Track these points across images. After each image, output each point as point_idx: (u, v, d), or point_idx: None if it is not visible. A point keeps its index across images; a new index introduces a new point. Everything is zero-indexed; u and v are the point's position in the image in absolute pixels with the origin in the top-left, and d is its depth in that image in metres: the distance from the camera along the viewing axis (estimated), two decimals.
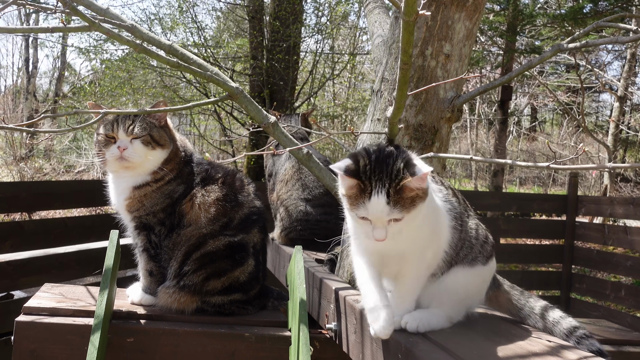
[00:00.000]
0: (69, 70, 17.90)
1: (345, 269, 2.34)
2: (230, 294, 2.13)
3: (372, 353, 1.69)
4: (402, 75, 1.27)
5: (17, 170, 10.21)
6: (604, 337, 2.44)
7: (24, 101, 15.44)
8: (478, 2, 2.20)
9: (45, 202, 4.37)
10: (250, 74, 9.79)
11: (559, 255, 5.76)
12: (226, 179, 2.19)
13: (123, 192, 2.12)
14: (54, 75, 17.90)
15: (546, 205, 6.70)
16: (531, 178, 19.31)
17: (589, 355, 1.49)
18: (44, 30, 1.58)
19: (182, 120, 14.57)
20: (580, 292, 5.78)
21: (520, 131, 20.40)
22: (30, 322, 1.93)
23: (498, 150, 11.86)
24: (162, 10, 10.91)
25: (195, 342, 2.01)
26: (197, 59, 2.09)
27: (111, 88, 10.12)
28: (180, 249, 2.10)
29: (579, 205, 5.76)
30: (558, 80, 18.28)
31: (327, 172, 2.16)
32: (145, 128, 2.07)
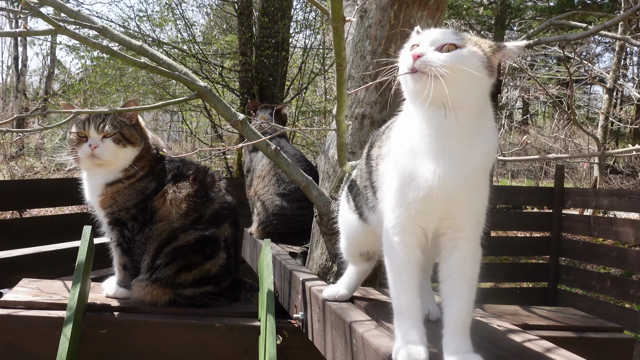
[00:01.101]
0: (59, 67, 17.92)
1: (315, 261, 2.41)
2: (202, 286, 2.20)
3: (332, 340, 1.77)
4: (339, 76, 1.35)
5: (8, 169, 10.26)
6: (566, 324, 2.52)
7: (13, 99, 15.48)
8: (440, 1, 2.27)
9: (34, 200, 4.41)
10: (239, 70, 9.84)
11: (546, 247, 5.83)
12: (197, 176, 2.26)
13: (96, 189, 2.19)
14: (44, 73, 17.95)
15: (533, 198, 6.75)
16: (523, 171, 19.44)
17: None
18: (10, 34, 1.64)
19: (173, 118, 14.62)
20: (567, 283, 5.84)
21: (511, 124, 20.49)
22: (7, 315, 2.00)
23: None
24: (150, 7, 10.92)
25: (167, 332, 2.09)
26: (167, 59, 2.15)
27: (100, 86, 10.14)
28: (153, 244, 2.17)
29: (565, 197, 5.82)
30: (548, 73, 18.36)
31: (295, 167, 2.23)
32: (115, 126, 2.14)
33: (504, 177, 19.45)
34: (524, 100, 20.77)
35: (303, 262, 2.61)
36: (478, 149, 1.24)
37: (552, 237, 5.78)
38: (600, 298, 5.64)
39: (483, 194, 1.29)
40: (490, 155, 1.26)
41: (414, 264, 1.35)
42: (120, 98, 10.97)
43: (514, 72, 16.86)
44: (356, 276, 1.87)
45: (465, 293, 1.29)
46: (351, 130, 2.32)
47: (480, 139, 1.24)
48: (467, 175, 1.23)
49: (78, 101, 11.22)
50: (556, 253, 5.79)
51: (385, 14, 2.27)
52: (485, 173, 1.27)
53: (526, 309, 2.74)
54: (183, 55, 9.78)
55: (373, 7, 2.30)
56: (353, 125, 2.32)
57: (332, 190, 2.35)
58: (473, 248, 1.31)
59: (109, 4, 20.54)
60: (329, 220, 2.27)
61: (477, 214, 1.29)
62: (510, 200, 6.84)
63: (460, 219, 1.28)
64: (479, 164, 1.24)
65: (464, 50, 1.22)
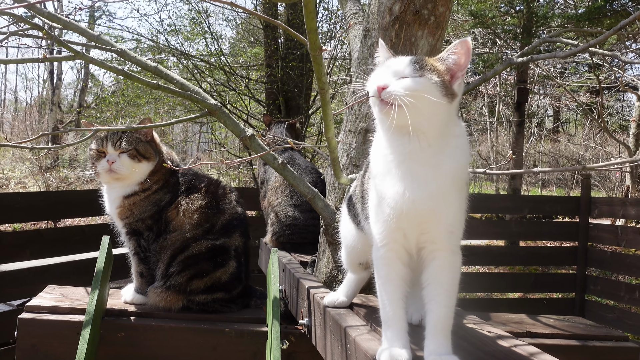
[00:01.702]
0: (92, 81, 18.45)
1: (322, 270, 2.51)
2: (213, 292, 2.33)
3: (331, 344, 1.87)
4: (322, 97, 1.46)
5: (43, 180, 10.63)
6: (570, 332, 2.57)
7: (49, 112, 16.02)
8: (440, 19, 2.36)
9: (65, 210, 4.60)
10: (265, 82, 10.02)
11: (573, 258, 5.75)
12: (209, 188, 2.40)
13: (114, 201, 2.34)
14: (78, 86, 18.51)
15: (559, 208, 6.63)
16: (554, 180, 19.18)
17: None
18: (33, 60, 1.79)
19: (202, 129, 14.92)
20: (595, 294, 5.74)
21: (541, 133, 20.27)
22: (31, 319, 2.16)
23: (515, 152, 11.84)
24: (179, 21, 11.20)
25: (180, 337, 2.22)
26: (180, 79, 2.29)
27: (132, 98, 10.45)
28: (167, 252, 2.31)
29: (592, 206, 5.73)
30: (579, 81, 18.13)
31: (301, 179, 2.34)
32: (131, 143, 2.29)
33: (534, 187, 19.25)
34: (555, 108, 20.55)
35: (313, 270, 2.72)
36: (443, 168, 1.32)
37: (579, 247, 5.70)
38: (631, 309, 5.55)
39: (455, 207, 1.37)
40: (457, 172, 1.34)
41: (397, 277, 1.45)
42: (151, 110, 11.26)
43: (544, 79, 16.73)
44: (354, 284, 1.97)
45: (444, 299, 1.38)
46: (355, 144, 2.42)
47: (445, 158, 1.33)
48: (435, 193, 1.32)
49: (110, 113, 11.56)
50: (583, 263, 5.69)
51: (386, 33, 2.37)
52: (455, 188, 1.35)
53: (532, 317, 2.79)
54: (211, 68, 10.01)
55: (375, 27, 2.41)
56: (357, 139, 2.42)
57: (338, 201, 2.46)
58: (450, 257, 1.39)
59: (139, 19, 21.00)
60: (334, 231, 2.37)
61: (451, 227, 1.37)
62: (536, 210, 6.77)
63: (435, 232, 1.37)
64: (446, 182, 1.33)
65: (425, 79, 1.30)
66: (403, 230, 1.39)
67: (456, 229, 1.38)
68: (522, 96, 11.62)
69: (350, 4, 3.33)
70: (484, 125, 18.71)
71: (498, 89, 15.81)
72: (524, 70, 11.66)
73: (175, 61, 10.89)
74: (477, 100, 18.37)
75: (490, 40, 14.86)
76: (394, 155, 1.36)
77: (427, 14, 2.34)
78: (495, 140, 17.20)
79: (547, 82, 17.39)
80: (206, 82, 10.11)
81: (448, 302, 1.39)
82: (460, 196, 1.38)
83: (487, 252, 6.04)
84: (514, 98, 12.30)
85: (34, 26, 1.71)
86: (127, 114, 11.08)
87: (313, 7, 1.11)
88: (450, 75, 1.34)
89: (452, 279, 1.40)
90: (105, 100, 12.82)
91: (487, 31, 12.64)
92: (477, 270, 7.29)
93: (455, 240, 1.39)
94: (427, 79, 1.30)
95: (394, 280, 1.45)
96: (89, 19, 13.29)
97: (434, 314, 1.38)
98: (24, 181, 12.22)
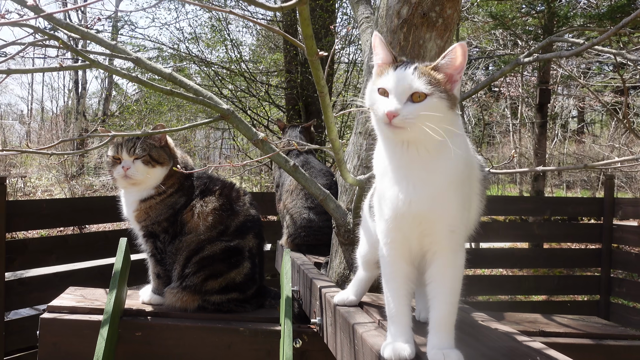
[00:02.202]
0: (116, 89, 18.78)
1: (334, 270, 2.55)
2: (228, 293, 2.38)
3: (341, 342, 1.90)
4: (322, 100, 1.50)
5: (69, 188, 10.86)
6: (585, 331, 2.56)
7: (74, 121, 16.36)
8: (448, 22, 2.39)
9: (89, 217, 4.72)
10: (285, 87, 10.11)
11: (597, 259, 5.69)
12: (223, 191, 2.46)
13: (131, 205, 2.41)
14: (102, 95, 18.86)
15: (582, 209, 6.54)
16: (579, 182, 18.90)
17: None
18: (51, 69, 1.87)
19: (223, 135, 15.07)
20: (620, 296, 5.65)
21: (565, 134, 20.03)
22: (53, 318, 2.24)
23: (538, 154, 11.72)
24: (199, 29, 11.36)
25: (196, 336, 2.27)
26: (194, 85, 2.35)
27: (154, 106, 10.62)
28: (182, 254, 2.37)
29: (615, 207, 5.66)
30: (603, 81, 17.88)
31: (312, 182, 2.38)
32: (145, 149, 2.36)
33: (558, 189, 19.01)
34: (579, 109, 20.28)
35: (327, 271, 2.75)
36: (439, 171, 1.36)
37: (604, 249, 5.63)
38: None
39: (454, 207, 1.40)
40: (453, 172, 1.37)
41: (400, 275, 1.50)
42: (173, 117, 11.42)
43: (567, 80, 16.54)
44: (364, 283, 2.01)
45: (446, 296, 1.42)
46: (365, 146, 2.46)
47: (441, 163, 1.36)
48: (431, 195, 1.36)
49: (133, 121, 11.76)
50: (608, 265, 5.62)
51: (395, 36, 2.41)
52: (453, 188, 1.38)
53: (546, 316, 2.79)
54: (231, 75, 10.14)
55: (384, 30, 2.45)
56: (367, 141, 2.46)
57: (349, 202, 2.50)
58: (451, 256, 1.42)
59: (160, 28, 21.29)
60: (346, 232, 2.41)
61: (451, 226, 1.40)
62: (559, 211, 6.67)
63: (436, 233, 1.41)
64: (442, 184, 1.36)
65: (434, 99, 1.32)
66: (402, 231, 1.43)
67: (457, 228, 1.41)
68: (544, 97, 11.50)
69: (362, 8, 3.38)
70: (506, 127, 18.56)
71: (520, 90, 15.68)
72: (545, 71, 11.55)
73: (196, 69, 11.06)
74: (500, 102, 18.24)
75: (511, 42, 14.77)
76: (391, 160, 1.41)
77: (435, 17, 2.37)
78: (518, 142, 17.03)
79: (570, 82, 17.19)
80: (227, 88, 10.23)
81: (450, 299, 1.42)
82: (460, 195, 1.41)
83: (510, 255, 6.00)
84: (536, 99, 12.19)
85: (51, 36, 1.78)
86: (149, 121, 11.26)
87: (307, 15, 1.15)
88: (448, 79, 1.36)
89: (454, 277, 1.43)
90: (128, 108, 13.05)
91: (507, 32, 12.56)
92: (500, 273, 7.24)
93: (457, 239, 1.42)
94: (435, 97, 1.32)
95: (397, 278, 1.50)
96: (112, 29, 13.55)
97: (437, 311, 1.42)
98: (51, 189, 12.50)
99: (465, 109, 16.19)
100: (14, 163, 12.83)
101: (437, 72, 1.37)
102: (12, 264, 3.81)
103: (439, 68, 1.37)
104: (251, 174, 13.77)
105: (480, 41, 15.17)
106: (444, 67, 1.37)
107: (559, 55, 1.96)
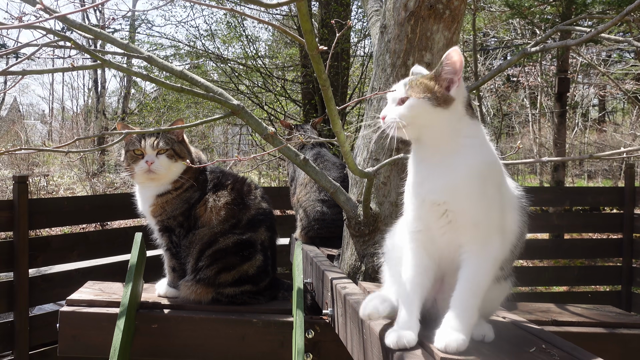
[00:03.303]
0: (135, 87, 19.00)
1: (346, 262, 2.58)
2: (241, 285, 2.43)
3: (350, 331, 1.94)
4: (324, 94, 1.52)
5: (90, 186, 11.04)
6: (598, 320, 2.56)
7: (94, 120, 16.61)
8: (455, 13, 2.40)
9: (108, 213, 4.81)
10: (301, 82, 10.15)
11: (618, 249, 5.60)
12: (235, 185, 2.50)
13: (148, 200, 2.47)
14: (121, 93, 19.09)
15: (602, 199, 6.40)
16: (600, 171, 18.66)
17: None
18: (65, 69, 1.92)
19: (242, 130, 15.17)
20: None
21: (586, 123, 19.77)
22: (72, 311, 2.30)
23: (557, 144, 11.60)
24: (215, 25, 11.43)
25: (210, 327, 2.32)
26: (204, 82, 2.40)
27: (172, 103, 10.72)
28: (196, 247, 2.42)
29: (636, 197, 5.53)
30: (624, 69, 17.59)
31: (323, 175, 2.41)
32: (168, 143, 2.42)
33: (580, 178, 18.79)
34: (599, 97, 20.00)
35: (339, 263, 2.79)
36: (457, 167, 1.42)
37: (625, 239, 5.54)
38: None
39: (475, 202, 1.42)
40: (471, 170, 1.41)
41: (419, 265, 1.53)
42: (192, 114, 11.53)
43: (587, 68, 16.32)
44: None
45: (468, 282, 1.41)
46: (375, 139, 2.48)
47: (458, 157, 1.42)
48: (450, 187, 1.41)
49: (152, 118, 11.89)
50: (629, 255, 5.52)
51: (402, 28, 2.42)
52: (474, 185, 1.41)
53: (560, 306, 2.78)
54: (247, 71, 10.20)
55: (392, 23, 2.47)
56: (376, 134, 2.48)
57: (359, 194, 2.52)
58: (477, 247, 1.43)
59: (176, 26, 21.44)
60: (357, 224, 2.44)
61: (473, 219, 1.42)
62: (578, 201, 6.55)
63: (459, 225, 1.44)
64: (461, 179, 1.41)
65: (412, 100, 1.43)
66: (425, 221, 1.48)
67: (481, 223, 1.42)
68: (563, 86, 11.36)
69: (371, 1, 3.39)
70: (525, 118, 18.39)
71: (539, 79, 15.51)
72: (564, 60, 11.41)
73: (213, 65, 11.14)
74: (518, 92, 18.08)
75: (529, 31, 14.61)
76: (412, 158, 1.54)
77: (442, 8, 2.38)
78: (538, 132, 16.86)
79: (591, 70, 16.96)
80: (244, 84, 10.30)
81: (472, 287, 1.41)
82: (483, 193, 1.42)
83: (530, 246, 5.94)
84: (554, 88, 12.06)
85: (63, 37, 1.83)
86: (168, 118, 11.39)
87: (306, 10, 1.18)
88: (447, 82, 1.44)
89: (478, 267, 1.42)
90: (147, 106, 13.21)
91: (525, 21, 12.43)
92: (521, 264, 7.20)
93: (483, 233, 1.43)
94: (413, 98, 1.43)
95: (414, 267, 1.53)
96: (130, 27, 13.69)
97: (456, 297, 1.41)
98: (73, 187, 12.71)
99: (484, 100, 16.08)
100: (37, 162, 13.08)
101: (428, 79, 1.47)
102: (35, 260, 3.90)
103: (434, 74, 1.47)
104: (269, 168, 13.85)
105: (497, 31, 15.04)
106: (441, 73, 1.45)
107: (564, 45, 1.96)
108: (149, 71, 8.19)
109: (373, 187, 2.38)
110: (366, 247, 2.46)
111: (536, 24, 12.36)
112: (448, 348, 1.33)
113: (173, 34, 22.54)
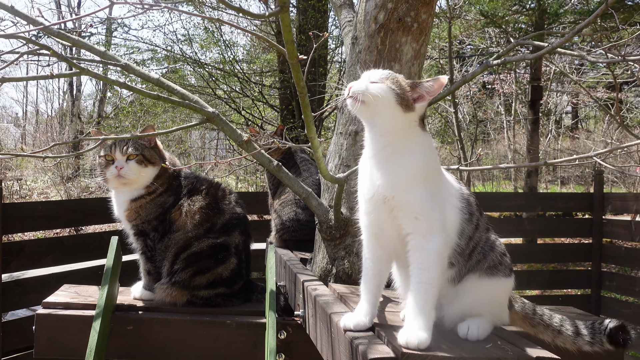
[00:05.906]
0: (111, 91, 18.89)
1: (318, 265, 2.66)
2: (215, 288, 2.49)
3: (320, 331, 2.01)
4: (302, 101, 1.62)
5: (65, 190, 10.95)
6: None
7: (69, 123, 16.46)
8: (423, 26, 2.50)
9: (83, 218, 4.78)
10: (279, 88, 10.21)
11: (588, 254, 5.76)
12: (209, 190, 2.56)
13: (122, 205, 2.52)
14: (97, 97, 18.96)
15: (572, 204, 6.54)
16: (574, 177, 19.02)
17: None
18: (45, 77, 1.97)
19: (219, 135, 15.17)
20: (611, 290, 5.69)
21: (559, 130, 20.14)
22: (48, 314, 2.34)
23: (530, 150, 11.81)
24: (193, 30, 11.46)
25: (185, 329, 2.38)
26: (181, 90, 2.46)
27: (148, 107, 10.70)
28: (171, 251, 2.48)
29: (605, 202, 5.71)
30: (596, 77, 17.98)
31: (295, 180, 2.49)
32: (137, 149, 2.47)
33: (553, 184, 19.13)
34: (573, 105, 20.40)
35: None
36: (402, 165, 1.56)
37: (594, 243, 5.69)
38: None
39: (418, 197, 1.56)
40: (415, 168, 1.57)
41: (372, 257, 1.71)
42: (169, 118, 11.52)
43: (560, 76, 16.66)
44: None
45: (417, 277, 1.53)
46: (346, 146, 2.57)
47: (405, 158, 1.57)
48: (394, 183, 1.56)
49: (129, 122, 11.85)
50: (598, 259, 5.68)
51: (372, 40, 2.51)
52: (417, 181, 1.57)
53: None
54: (225, 76, 10.23)
55: (362, 35, 2.56)
56: (347, 141, 2.57)
57: (331, 200, 2.60)
58: (419, 241, 1.55)
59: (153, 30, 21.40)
60: (328, 228, 2.52)
61: (415, 213, 1.55)
62: (550, 207, 6.68)
63: (402, 218, 1.57)
64: (405, 175, 1.56)
65: (381, 84, 1.56)
66: (375, 214, 1.62)
67: (421, 216, 1.55)
68: (536, 94, 11.59)
69: (344, 12, 3.48)
70: (500, 124, 18.67)
71: (514, 87, 15.79)
72: (537, 68, 11.65)
73: (191, 70, 11.15)
74: (494, 99, 18.37)
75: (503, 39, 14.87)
76: (367, 149, 1.65)
77: (410, 21, 2.48)
78: (513, 138, 17.14)
79: (564, 78, 17.30)
80: (221, 89, 10.34)
81: (421, 280, 1.52)
82: (426, 188, 1.57)
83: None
84: (528, 96, 12.28)
85: (42, 46, 1.89)
86: (144, 122, 11.35)
87: (289, 22, 1.27)
88: (418, 95, 1.58)
89: (423, 261, 1.54)
90: (123, 110, 13.15)
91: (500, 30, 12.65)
92: None
93: (424, 227, 1.55)
94: (385, 85, 1.56)
95: (368, 259, 1.71)
96: (106, 31, 13.65)
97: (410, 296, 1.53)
98: (47, 191, 12.60)
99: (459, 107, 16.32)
100: (10, 166, 12.92)
101: (407, 83, 1.60)
102: (8, 265, 3.87)
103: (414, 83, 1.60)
104: (247, 173, 13.88)
105: (473, 39, 15.30)
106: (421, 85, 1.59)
107: (523, 58, 2.07)
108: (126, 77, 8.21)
109: (344, 193, 2.46)
110: (337, 250, 2.54)
111: (510, 33, 12.59)
112: (409, 344, 1.43)
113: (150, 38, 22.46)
